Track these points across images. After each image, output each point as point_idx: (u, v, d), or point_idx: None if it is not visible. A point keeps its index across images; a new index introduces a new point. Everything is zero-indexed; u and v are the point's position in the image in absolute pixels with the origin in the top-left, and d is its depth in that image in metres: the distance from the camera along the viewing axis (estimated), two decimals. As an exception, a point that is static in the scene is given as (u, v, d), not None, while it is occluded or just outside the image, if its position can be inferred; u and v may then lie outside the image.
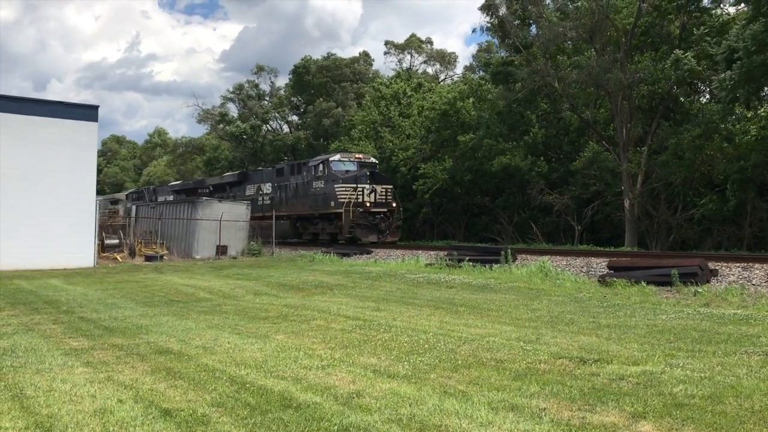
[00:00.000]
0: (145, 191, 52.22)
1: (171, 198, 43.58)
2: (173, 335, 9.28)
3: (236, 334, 9.30)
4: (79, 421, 5.32)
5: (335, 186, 27.82)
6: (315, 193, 29.41)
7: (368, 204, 27.27)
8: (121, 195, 58.32)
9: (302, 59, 60.11)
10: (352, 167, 29.01)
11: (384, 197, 28.05)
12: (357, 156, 30.40)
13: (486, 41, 44.36)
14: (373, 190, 27.65)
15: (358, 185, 27.49)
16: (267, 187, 34.23)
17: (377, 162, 31.31)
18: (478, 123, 36.63)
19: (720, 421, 5.09)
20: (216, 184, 40.30)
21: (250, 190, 35.93)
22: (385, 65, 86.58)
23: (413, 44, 60.71)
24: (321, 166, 29.41)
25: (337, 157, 29.90)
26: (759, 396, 5.69)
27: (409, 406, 5.61)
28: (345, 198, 27.15)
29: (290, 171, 32.59)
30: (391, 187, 28.91)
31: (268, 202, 33.54)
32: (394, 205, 28.36)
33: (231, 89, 66.31)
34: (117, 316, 11.27)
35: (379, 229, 27.40)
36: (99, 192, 29.35)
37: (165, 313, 11.74)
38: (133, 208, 37.23)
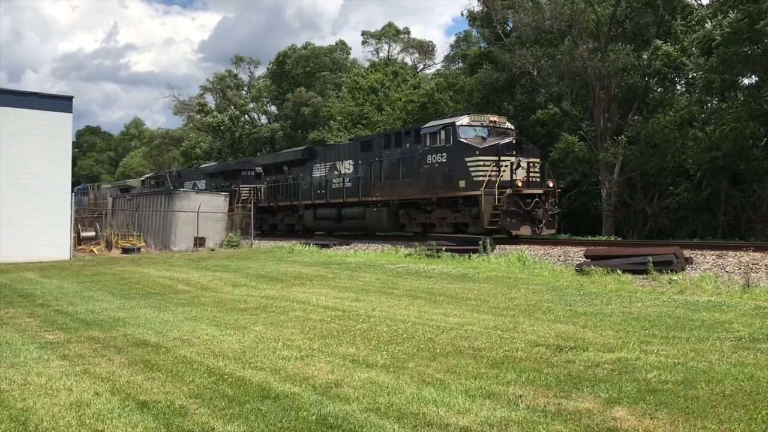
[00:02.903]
0: (167, 176, 45.15)
1: (203, 183, 38.58)
2: (151, 327, 9.22)
3: (214, 326, 9.27)
4: (54, 414, 5.29)
5: (467, 159, 20.70)
6: (431, 171, 22.14)
7: (520, 183, 20.29)
8: (135, 181, 51.30)
9: (288, 48, 59.84)
10: (486, 134, 21.83)
11: (538, 175, 21.23)
12: (491, 119, 22.45)
13: (464, 31, 44.43)
14: (520, 165, 20.56)
15: (501, 158, 20.41)
16: (347, 166, 27.12)
17: (513, 128, 23.60)
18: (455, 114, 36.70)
19: (692, 405, 5.19)
20: (268, 165, 33.88)
21: (319, 171, 29.11)
22: (363, 54, 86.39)
23: (389, 33, 60.64)
24: (442, 133, 21.87)
25: (465, 120, 21.99)
26: (730, 381, 5.80)
27: (388, 395, 5.64)
28: (483, 175, 20.10)
29: (385, 143, 25.15)
30: (539, 161, 21.77)
31: (350, 184, 26.68)
32: (551, 185, 21.51)
33: (211, 79, 65.74)
34: (94, 309, 11.17)
35: (534, 218, 20.43)
36: (74, 184, 28.99)
37: (142, 305, 11.66)
38: (110, 200, 36.77)
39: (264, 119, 64.31)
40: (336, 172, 27.77)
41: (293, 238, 28.98)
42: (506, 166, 20.29)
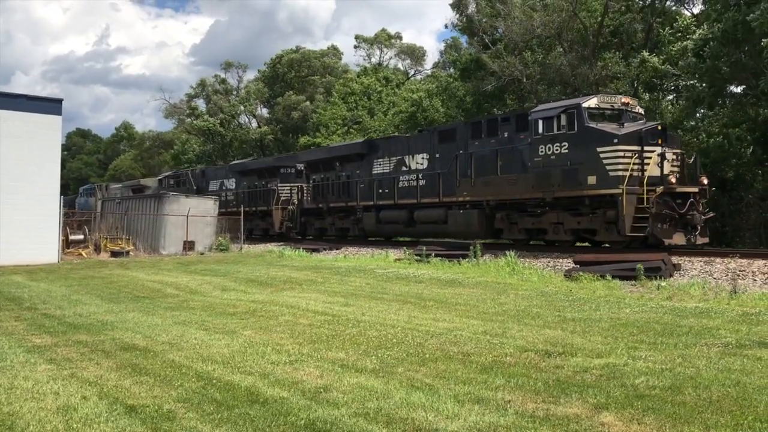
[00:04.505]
0: (189, 175, 40.86)
1: (233, 182, 35.79)
2: (139, 331, 9.18)
3: (203, 330, 9.24)
4: (41, 419, 5.25)
5: (601, 149, 16.81)
6: (544, 164, 18.18)
7: (673, 180, 16.39)
8: (150, 180, 47.84)
9: (283, 51, 60.07)
10: (620, 120, 17.78)
11: (680, 169, 17.31)
12: (623, 101, 18.31)
13: (452, 38, 44.86)
14: (665, 157, 16.54)
15: (645, 148, 16.49)
16: (419, 160, 23.41)
17: (644, 113, 19.44)
18: (446, 121, 36.88)
19: (679, 410, 5.22)
20: (315, 161, 30.01)
21: (381, 167, 25.30)
22: (355, 57, 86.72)
23: (381, 39, 60.92)
24: (563, 117, 17.82)
25: (593, 101, 17.93)
26: (717, 386, 5.84)
27: (377, 399, 5.64)
28: (624, 169, 16.33)
29: (474, 132, 21.14)
30: (682, 152, 17.89)
31: (424, 182, 22.94)
32: (705, 182, 17.36)
33: (194, 86, 65.81)
34: (81, 313, 11.11)
35: (688, 223, 16.54)
36: (63, 187, 28.68)
37: (131, 309, 11.61)
38: (99, 203, 36.56)
39: (254, 123, 64.34)
40: (404, 168, 24.02)
41: (284, 242, 28.89)
42: (651, 158, 16.42)
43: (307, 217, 30.22)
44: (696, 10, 29.60)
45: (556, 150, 17.93)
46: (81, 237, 27.45)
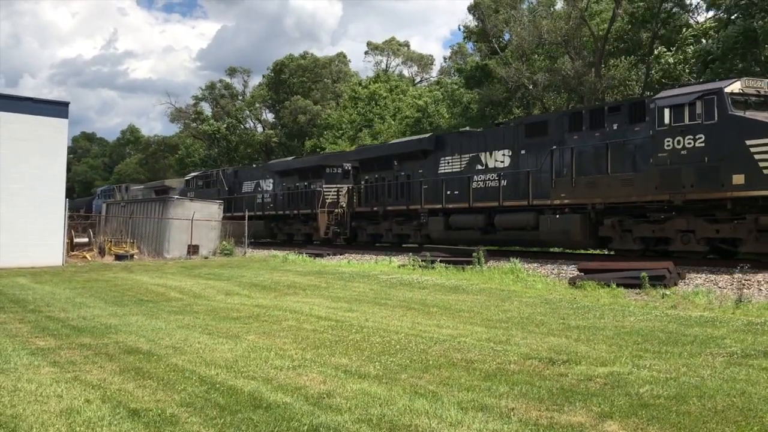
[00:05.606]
0: (220, 175, 37.62)
1: (269, 183, 33.45)
2: (142, 335, 9.18)
3: (207, 334, 9.24)
4: (44, 422, 5.25)
5: (752, 143, 14.01)
6: (672, 160, 15.39)
7: None
8: (175, 181, 44.69)
9: (285, 57, 60.30)
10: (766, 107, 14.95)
11: None
12: None
13: (458, 43, 45.02)
14: None
15: None
16: (498, 158, 20.61)
17: None
18: (451, 127, 36.95)
19: (684, 420, 5.19)
20: (368, 159, 27.17)
21: (450, 165, 22.45)
22: (363, 64, 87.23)
23: (393, 46, 61.30)
24: (698, 104, 14.97)
25: (736, 86, 14.94)
26: (722, 396, 5.81)
27: (380, 406, 5.62)
28: None
29: (572, 124, 18.40)
30: None
31: (505, 182, 20.13)
32: None
33: (203, 88, 66.28)
34: (85, 316, 11.12)
35: None
36: (69, 190, 28.63)
37: (134, 312, 11.61)
38: (103, 206, 36.62)
39: (259, 127, 64.57)
40: (479, 167, 21.18)
41: (288, 247, 28.87)
42: None
43: (358, 222, 27.54)
44: (701, 19, 29.62)
45: (689, 143, 15.11)
46: (86, 240, 27.53)
